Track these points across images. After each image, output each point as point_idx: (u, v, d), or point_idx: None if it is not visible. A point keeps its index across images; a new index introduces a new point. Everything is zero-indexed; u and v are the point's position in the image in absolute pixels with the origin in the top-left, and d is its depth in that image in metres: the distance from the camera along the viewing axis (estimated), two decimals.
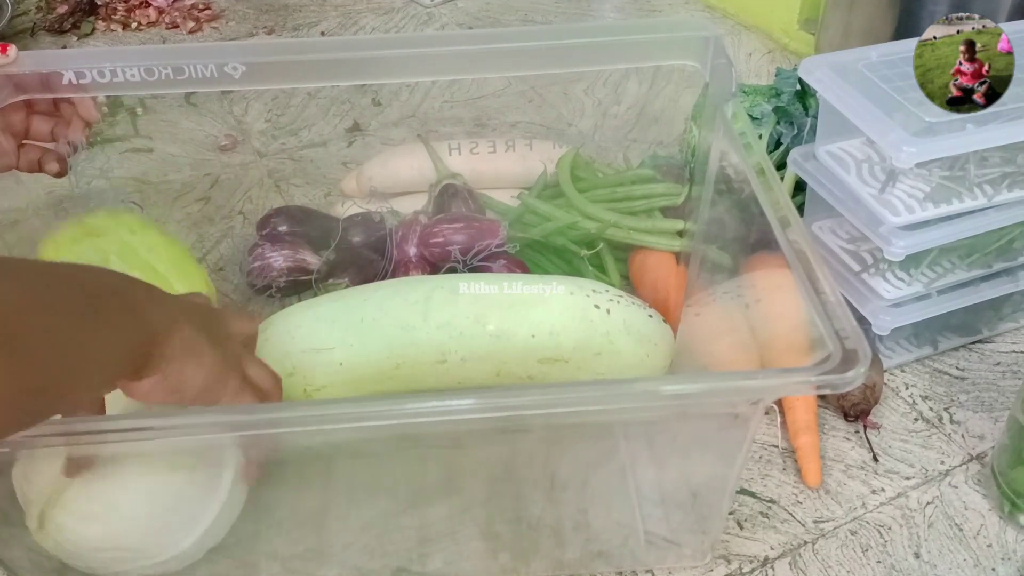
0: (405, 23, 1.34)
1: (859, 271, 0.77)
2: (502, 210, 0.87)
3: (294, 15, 1.35)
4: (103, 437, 0.49)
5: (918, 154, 0.67)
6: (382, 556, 0.64)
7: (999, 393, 0.77)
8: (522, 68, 0.69)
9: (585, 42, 0.67)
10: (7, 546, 0.58)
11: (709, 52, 0.67)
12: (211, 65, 0.64)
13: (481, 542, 0.64)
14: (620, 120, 1.05)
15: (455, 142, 0.90)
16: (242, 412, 0.52)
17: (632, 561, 0.65)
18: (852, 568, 0.65)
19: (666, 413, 0.58)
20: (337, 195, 0.94)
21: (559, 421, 0.55)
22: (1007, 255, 0.77)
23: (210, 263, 0.90)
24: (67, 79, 0.64)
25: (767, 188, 0.57)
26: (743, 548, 0.66)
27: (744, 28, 1.29)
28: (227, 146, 1.06)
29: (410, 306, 0.69)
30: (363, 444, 0.58)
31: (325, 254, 0.83)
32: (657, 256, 0.81)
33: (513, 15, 1.35)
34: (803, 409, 0.73)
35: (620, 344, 0.69)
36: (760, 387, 0.51)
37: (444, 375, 0.69)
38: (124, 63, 0.63)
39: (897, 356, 0.79)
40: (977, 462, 0.72)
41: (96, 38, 1.31)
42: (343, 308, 0.71)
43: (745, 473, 0.71)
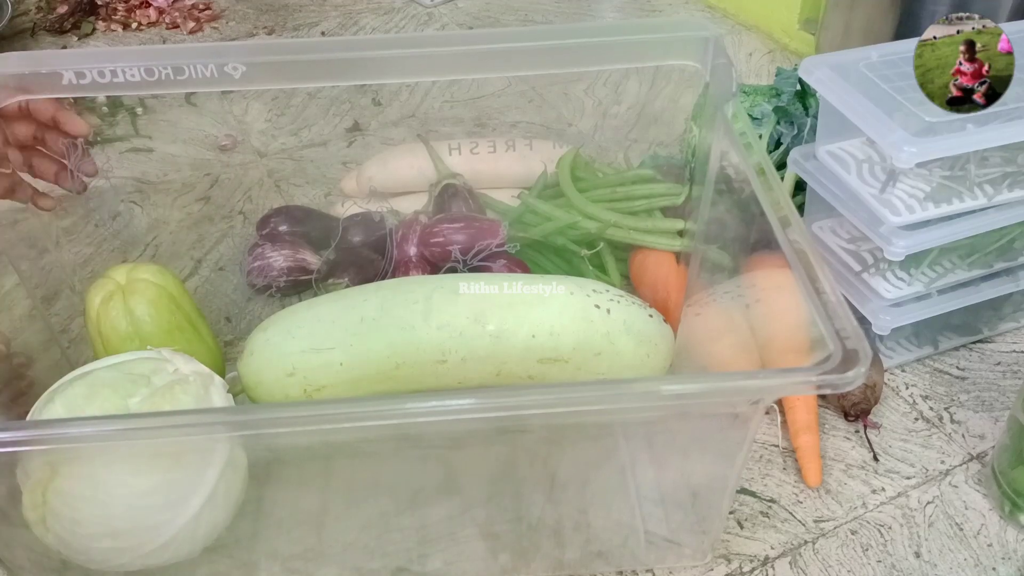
0: (405, 23, 1.34)
1: (859, 271, 0.77)
2: (502, 210, 0.86)
3: (294, 15, 1.35)
4: (101, 438, 0.49)
5: (918, 154, 0.67)
6: (382, 556, 0.64)
7: (999, 393, 0.77)
8: (522, 68, 0.69)
9: (585, 42, 0.67)
10: (7, 546, 0.59)
11: (709, 52, 0.67)
12: (211, 65, 0.64)
13: (481, 542, 0.64)
14: (620, 120, 1.05)
15: (455, 142, 0.90)
16: (242, 412, 0.52)
17: (632, 561, 0.65)
18: (852, 568, 0.65)
19: (666, 413, 0.58)
20: (337, 195, 0.94)
21: (559, 421, 0.55)
22: (1007, 255, 0.77)
23: (210, 263, 0.90)
24: (67, 79, 0.64)
25: (767, 188, 0.57)
26: (743, 547, 0.66)
27: (744, 28, 1.29)
28: (227, 146, 1.06)
29: (410, 306, 0.69)
30: (363, 444, 0.58)
31: (325, 254, 0.83)
32: (657, 256, 0.81)
33: (513, 15, 1.35)
34: (803, 409, 0.73)
35: (620, 344, 0.69)
36: (760, 387, 0.51)
37: (444, 375, 0.69)
38: (124, 63, 0.63)
39: (897, 356, 0.79)
40: (977, 462, 0.72)
41: (96, 38, 1.31)
42: (343, 308, 0.71)
43: (745, 473, 0.71)
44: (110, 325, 0.70)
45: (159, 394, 0.58)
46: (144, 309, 0.70)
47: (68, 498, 0.55)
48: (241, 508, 0.61)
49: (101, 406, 0.57)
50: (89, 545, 0.56)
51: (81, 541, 0.56)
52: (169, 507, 0.56)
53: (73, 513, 0.55)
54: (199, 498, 0.57)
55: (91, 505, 0.55)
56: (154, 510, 0.56)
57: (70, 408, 0.57)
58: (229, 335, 0.83)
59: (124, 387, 0.58)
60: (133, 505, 0.56)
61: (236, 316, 0.85)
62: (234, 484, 0.59)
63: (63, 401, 0.58)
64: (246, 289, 0.86)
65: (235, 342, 0.82)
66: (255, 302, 0.86)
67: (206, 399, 0.60)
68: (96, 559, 0.57)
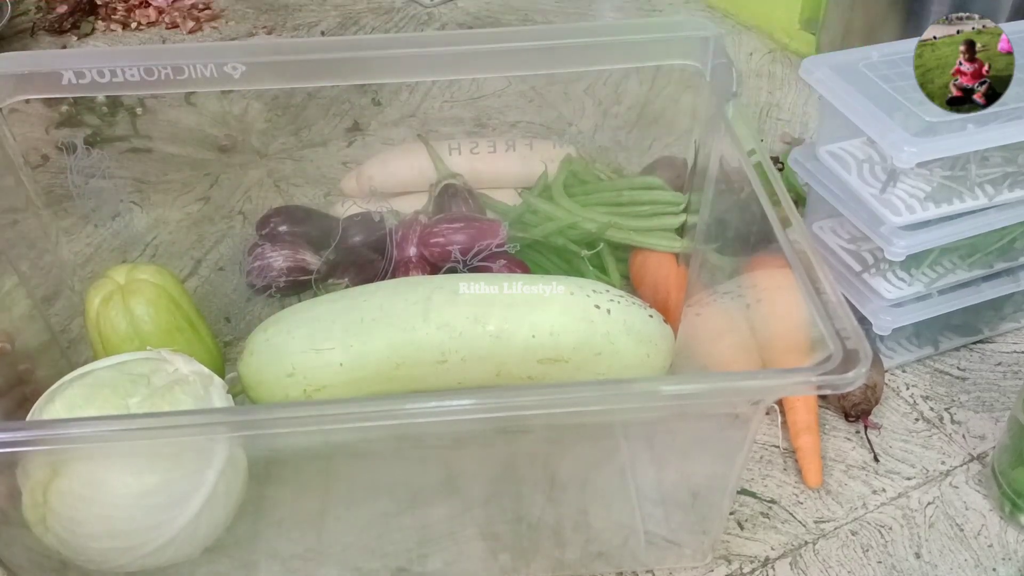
0: (405, 23, 1.34)
1: (860, 271, 0.77)
2: (502, 210, 0.86)
3: (294, 15, 1.35)
4: (101, 438, 0.49)
5: (919, 154, 0.67)
6: (382, 556, 0.64)
7: (1000, 393, 0.77)
8: (522, 68, 0.69)
9: (585, 42, 0.67)
10: (7, 546, 0.59)
11: (709, 52, 0.67)
12: (211, 65, 0.64)
13: (481, 542, 0.64)
14: (620, 120, 1.05)
15: (455, 142, 0.89)
16: (242, 412, 0.52)
17: (632, 561, 0.65)
18: (853, 568, 0.65)
19: (666, 413, 0.57)
20: (337, 195, 0.94)
21: (559, 421, 0.55)
22: (1008, 255, 0.77)
23: (210, 263, 0.90)
24: (67, 79, 0.64)
25: (767, 188, 0.57)
26: (744, 548, 0.66)
27: (744, 28, 1.29)
28: (227, 146, 1.06)
29: (410, 306, 0.69)
30: (363, 444, 0.58)
31: (325, 254, 0.83)
32: (657, 256, 0.81)
33: (513, 15, 1.35)
34: (804, 409, 0.73)
35: (620, 344, 0.69)
36: (760, 387, 0.51)
37: (444, 375, 0.69)
38: (124, 63, 0.63)
39: (898, 356, 0.79)
40: (978, 462, 0.72)
41: (96, 38, 1.31)
42: (343, 308, 0.71)
43: (746, 473, 0.71)
44: (110, 325, 0.70)
45: (159, 394, 0.58)
46: (144, 309, 0.70)
47: (68, 498, 0.55)
48: (241, 508, 0.60)
49: (101, 407, 0.57)
50: (89, 545, 0.56)
51: (81, 541, 0.56)
52: (169, 508, 0.56)
53: (73, 513, 0.55)
54: (199, 499, 0.57)
55: (91, 505, 0.55)
56: (154, 510, 0.56)
57: (70, 408, 0.57)
58: (229, 335, 0.83)
59: (124, 387, 0.58)
60: (133, 506, 0.56)
61: (236, 316, 0.85)
62: (234, 484, 0.59)
63: (63, 401, 0.58)
64: (246, 289, 0.86)
65: (235, 342, 0.82)
66: (255, 302, 0.86)
67: (206, 400, 0.60)
68: (96, 559, 0.57)
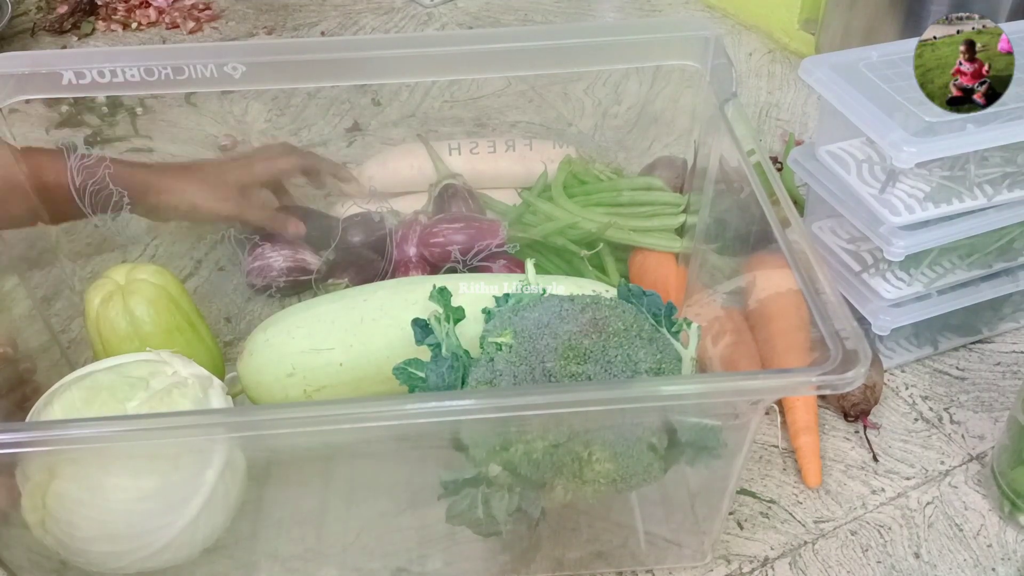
0: (405, 23, 1.34)
1: (859, 271, 0.77)
2: (502, 210, 0.86)
3: (294, 15, 1.35)
4: (100, 439, 0.49)
5: (918, 154, 0.67)
6: (382, 556, 0.64)
7: (999, 393, 0.77)
8: (522, 68, 0.69)
9: (585, 42, 0.67)
10: (8, 547, 0.58)
11: (709, 52, 0.67)
12: (211, 65, 0.64)
13: (481, 542, 0.64)
14: (620, 120, 1.05)
15: (455, 142, 0.89)
16: (241, 413, 0.52)
17: (632, 561, 0.65)
18: (852, 568, 0.65)
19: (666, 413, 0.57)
20: (337, 195, 0.94)
21: (559, 421, 0.55)
22: (1007, 255, 0.77)
23: (210, 263, 0.90)
24: (67, 79, 0.64)
25: (767, 188, 0.57)
26: (743, 548, 0.66)
27: (744, 28, 1.29)
28: (227, 146, 1.05)
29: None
30: (363, 444, 0.58)
31: (325, 254, 0.83)
32: (657, 256, 0.81)
33: (513, 15, 1.34)
34: (803, 409, 0.73)
35: None
36: (760, 387, 0.51)
37: None
38: (124, 63, 0.63)
39: (897, 356, 0.79)
40: (977, 462, 0.72)
41: (96, 38, 1.31)
42: (343, 308, 0.71)
43: (745, 473, 0.71)
44: (110, 325, 0.70)
45: (157, 398, 0.58)
46: (143, 309, 0.70)
47: (66, 501, 0.55)
48: (240, 509, 0.60)
49: (99, 410, 0.57)
50: (87, 548, 0.56)
51: (79, 544, 0.56)
52: (168, 510, 0.56)
53: (71, 516, 0.55)
54: (198, 501, 0.56)
55: (89, 508, 0.55)
56: (152, 514, 0.56)
57: (68, 412, 0.57)
58: (229, 335, 0.83)
59: (122, 390, 0.58)
60: (131, 509, 0.55)
61: (236, 316, 0.85)
62: (233, 486, 0.59)
63: (61, 404, 0.57)
64: (246, 289, 0.86)
65: (235, 342, 0.82)
66: (255, 302, 0.86)
67: (204, 403, 0.59)
68: (94, 562, 0.57)
